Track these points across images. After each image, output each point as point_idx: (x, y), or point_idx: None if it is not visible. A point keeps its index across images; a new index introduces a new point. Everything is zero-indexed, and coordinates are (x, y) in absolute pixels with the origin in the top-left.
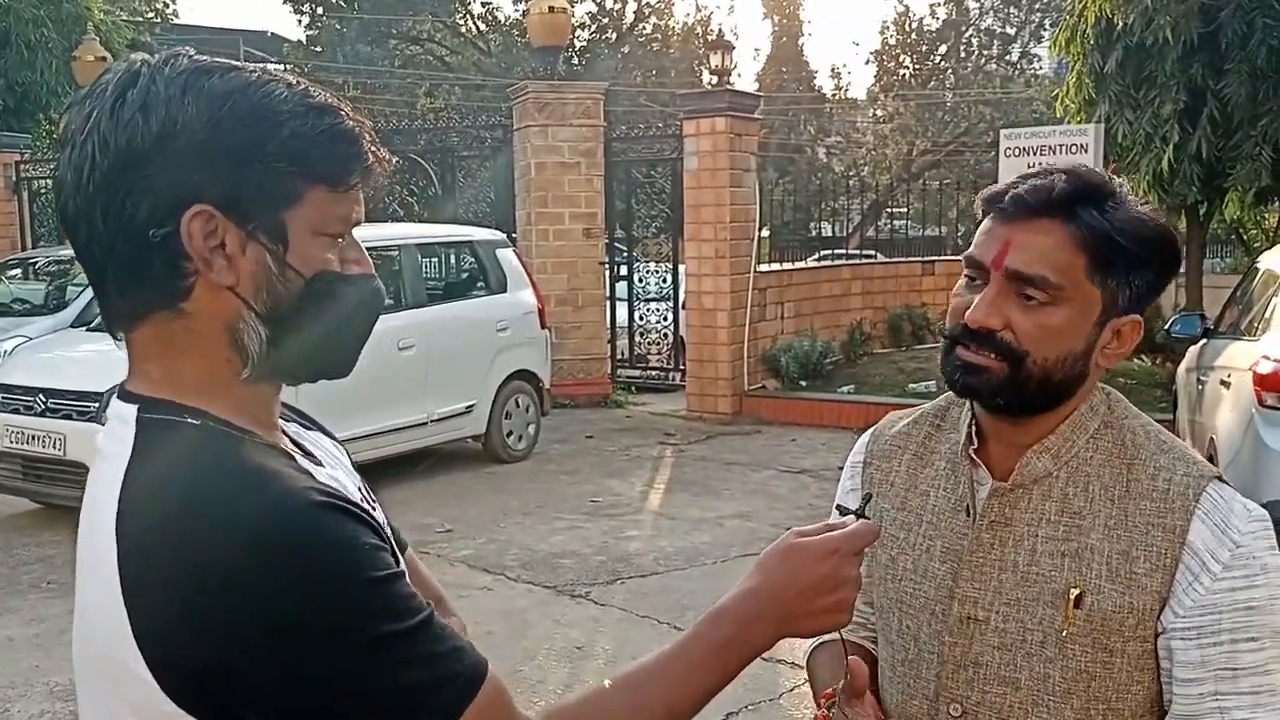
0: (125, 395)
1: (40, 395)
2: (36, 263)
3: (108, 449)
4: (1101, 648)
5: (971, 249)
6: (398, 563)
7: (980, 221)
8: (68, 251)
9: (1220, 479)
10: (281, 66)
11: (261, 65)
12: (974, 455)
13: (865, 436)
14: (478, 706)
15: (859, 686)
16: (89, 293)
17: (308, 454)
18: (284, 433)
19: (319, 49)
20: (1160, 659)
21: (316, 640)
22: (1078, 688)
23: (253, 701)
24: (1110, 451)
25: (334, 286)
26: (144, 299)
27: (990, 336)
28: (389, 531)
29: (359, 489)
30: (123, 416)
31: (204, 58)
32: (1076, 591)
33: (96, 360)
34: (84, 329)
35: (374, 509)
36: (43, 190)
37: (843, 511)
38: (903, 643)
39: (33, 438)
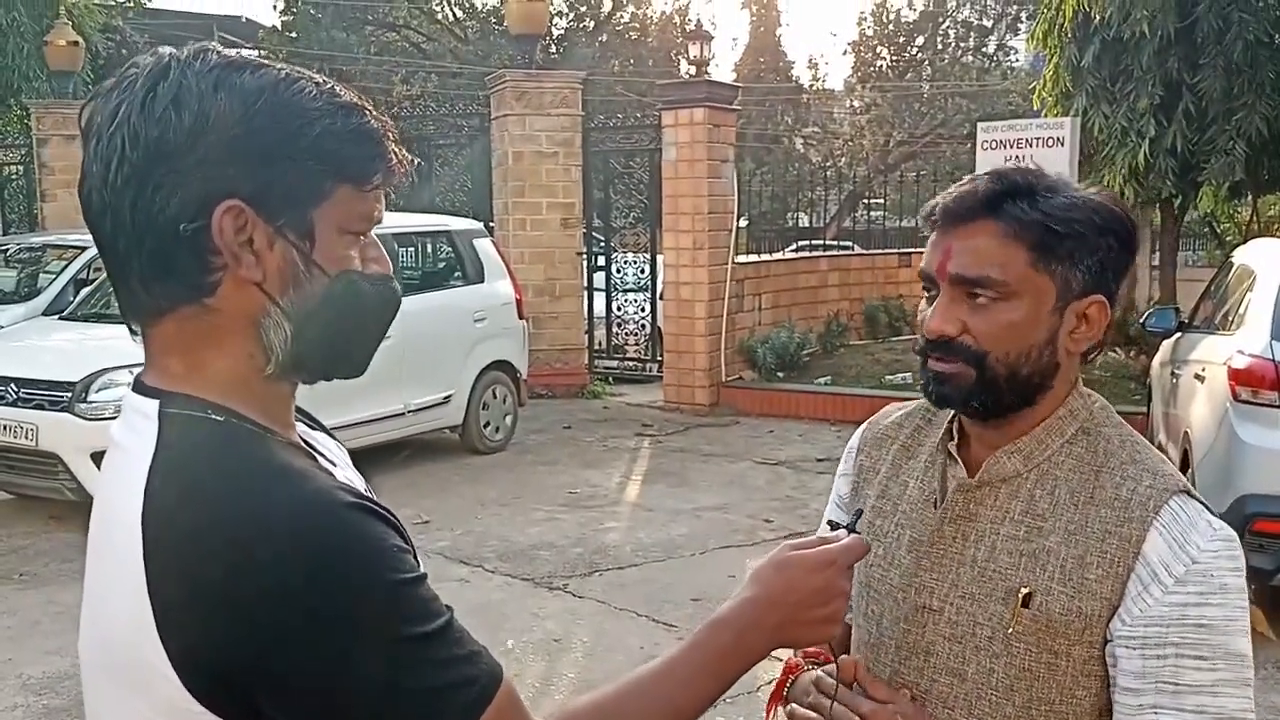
0: (143, 389)
1: (12, 384)
2: (8, 250)
3: (125, 441)
4: (1046, 649)
5: (922, 264)
6: (419, 565)
7: (928, 237)
8: (39, 239)
9: (1188, 493)
10: (255, 52)
11: (238, 50)
12: (953, 451)
13: (864, 424)
14: (494, 710)
15: (845, 679)
16: (61, 281)
17: (320, 454)
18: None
19: (294, 34)
20: (1109, 667)
21: (341, 640)
22: (1020, 685)
23: (275, 700)
24: (1082, 458)
25: (356, 286)
26: (169, 293)
27: (950, 343)
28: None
29: (365, 490)
30: (143, 410)
31: (232, 53)
32: (1026, 591)
33: (70, 349)
34: (56, 317)
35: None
36: (14, 176)
37: (834, 526)
38: (867, 625)
39: (4, 427)
